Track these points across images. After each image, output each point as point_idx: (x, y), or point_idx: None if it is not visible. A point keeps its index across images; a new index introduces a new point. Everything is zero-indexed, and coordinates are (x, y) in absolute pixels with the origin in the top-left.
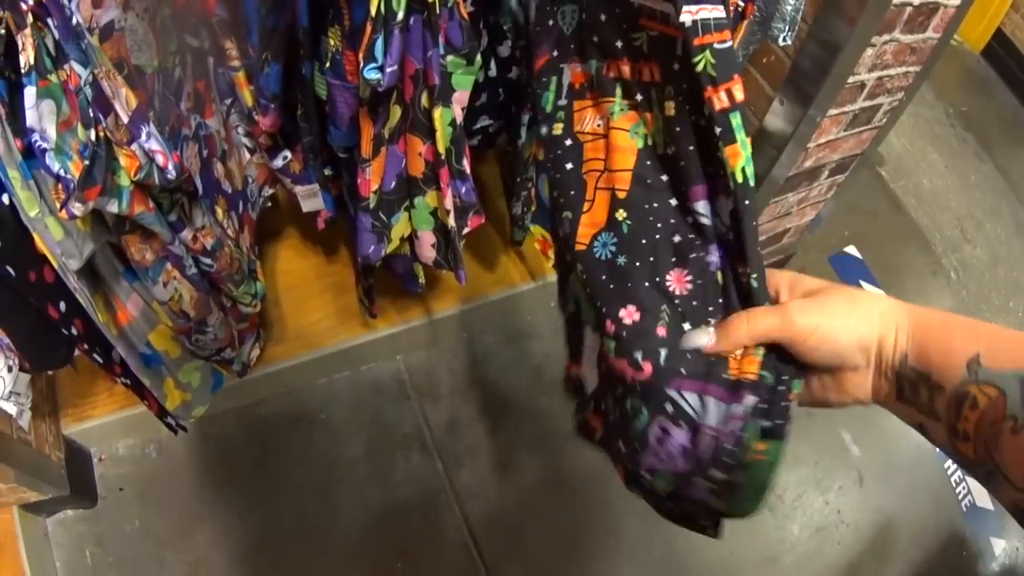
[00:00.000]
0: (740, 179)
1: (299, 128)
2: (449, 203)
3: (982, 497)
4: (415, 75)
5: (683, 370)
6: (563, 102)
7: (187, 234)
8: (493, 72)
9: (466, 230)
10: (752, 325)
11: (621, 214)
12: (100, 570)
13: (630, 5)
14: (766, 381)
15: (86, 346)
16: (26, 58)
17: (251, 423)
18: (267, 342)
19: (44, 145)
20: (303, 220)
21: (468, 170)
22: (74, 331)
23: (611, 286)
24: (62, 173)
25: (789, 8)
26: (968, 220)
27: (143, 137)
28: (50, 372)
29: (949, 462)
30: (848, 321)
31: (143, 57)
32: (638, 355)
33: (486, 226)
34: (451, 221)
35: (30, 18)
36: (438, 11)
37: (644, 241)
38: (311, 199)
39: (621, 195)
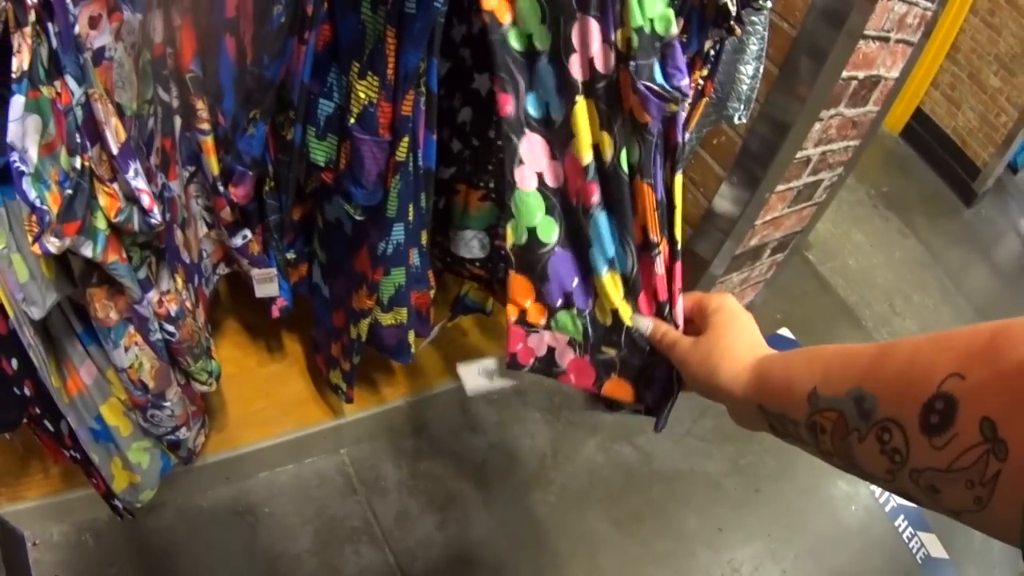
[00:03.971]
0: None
1: (263, 206)
2: None
3: (936, 548)
4: None
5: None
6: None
7: (153, 296)
8: None
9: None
10: (664, 338)
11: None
12: None
13: None
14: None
15: (37, 410)
16: (19, 61)
17: (193, 515)
18: (210, 430)
19: (23, 168)
20: (241, 309)
21: None
22: (26, 391)
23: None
24: (38, 203)
25: (745, 88)
26: (896, 294)
27: (131, 173)
28: None
29: (899, 519)
30: (717, 374)
31: (124, 96)
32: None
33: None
34: None
35: (32, 16)
36: None
37: None
38: (267, 284)
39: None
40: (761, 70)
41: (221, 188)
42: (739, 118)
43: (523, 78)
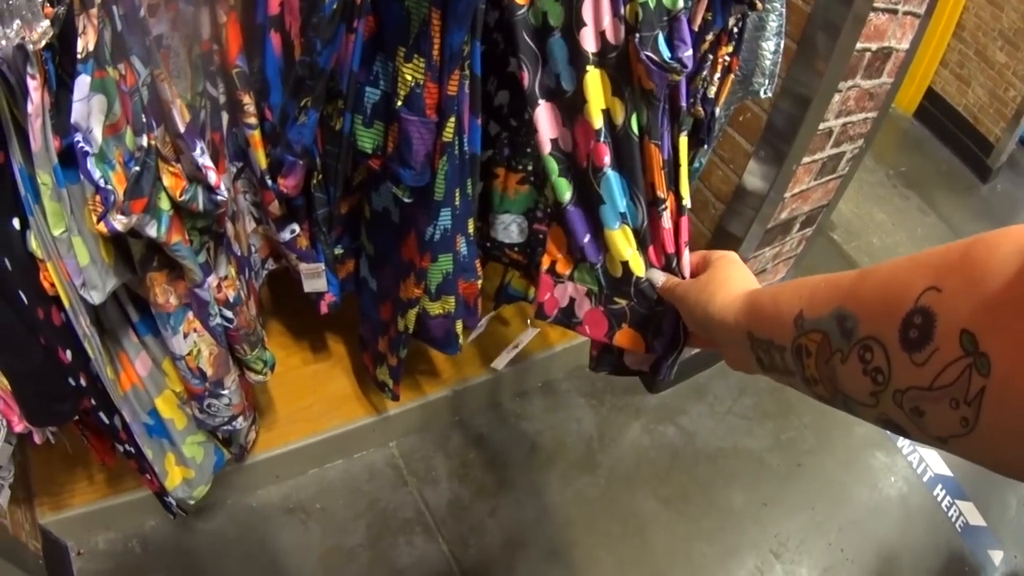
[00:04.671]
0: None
1: (311, 200)
2: None
3: (974, 516)
4: None
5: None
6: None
7: (213, 280)
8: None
9: None
10: (670, 287)
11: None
12: None
13: None
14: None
15: (92, 402)
16: (85, 42)
17: (243, 515)
18: (259, 428)
19: (87, 148)
20: (284, 311)
21: None
22: (82, 382)
23: None
24: (102, 183)
25: (768, 63)
26: None
27: (197, 151)
28: (51, 430)
29: (937, 489)
30: (711, 303)
31: (180, 86)
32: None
33: None
34: None
35: None
36: None
37: None
38: (315, 279)
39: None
40: (782, 46)
41: (269, 181)
42: (765, 92)
43: (538, 54)
